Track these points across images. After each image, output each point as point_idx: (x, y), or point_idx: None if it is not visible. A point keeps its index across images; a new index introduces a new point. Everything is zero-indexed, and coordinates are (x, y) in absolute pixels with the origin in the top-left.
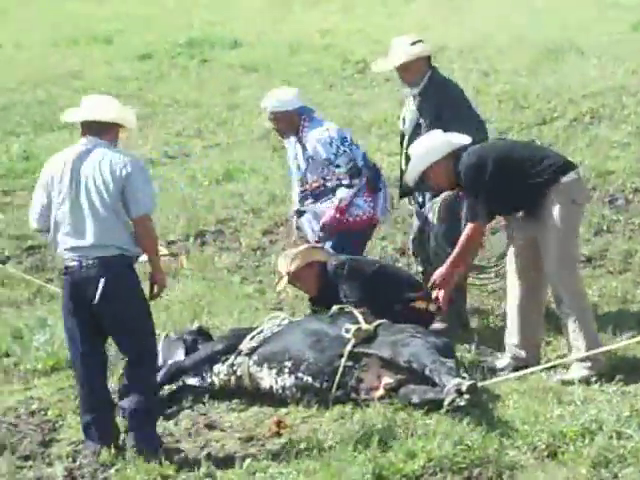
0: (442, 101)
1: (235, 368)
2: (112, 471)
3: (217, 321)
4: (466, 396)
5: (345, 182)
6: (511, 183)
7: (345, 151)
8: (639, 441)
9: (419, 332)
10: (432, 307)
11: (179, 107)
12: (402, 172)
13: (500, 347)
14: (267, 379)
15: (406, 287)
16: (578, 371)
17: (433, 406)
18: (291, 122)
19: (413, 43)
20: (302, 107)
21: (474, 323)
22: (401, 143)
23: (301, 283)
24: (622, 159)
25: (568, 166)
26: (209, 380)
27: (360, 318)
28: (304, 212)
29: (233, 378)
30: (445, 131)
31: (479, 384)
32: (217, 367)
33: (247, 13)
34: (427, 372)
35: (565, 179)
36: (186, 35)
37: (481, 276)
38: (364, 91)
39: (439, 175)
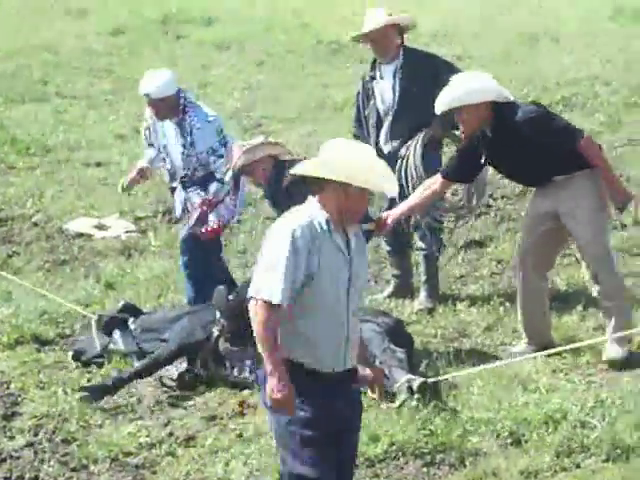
0: (436, 70)
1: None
2: (74, 446)
3: (183, 298)
4: (417, 395)
5: (219, 175)
6: (559, 146)
7: (227, 142)
8: (602, 431)
9: (370, 314)
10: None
11: None
12: (378, 150)
13: (467, 331)
14: (231, 375)
15: None
16: (616, 351)
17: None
18: (171, 106)
19: (389, 14)
20: (179, 90)
21: (440, 309)
22: (376, 124)
23: (250, 176)
24: None
25: None
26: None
27: None
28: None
29: (202, 372)
30: None
31: (430, 380)
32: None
33: None
34: (377, 364)
35: None
36: (159, 11)
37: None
38: (337, 72)
39: (474, 117)
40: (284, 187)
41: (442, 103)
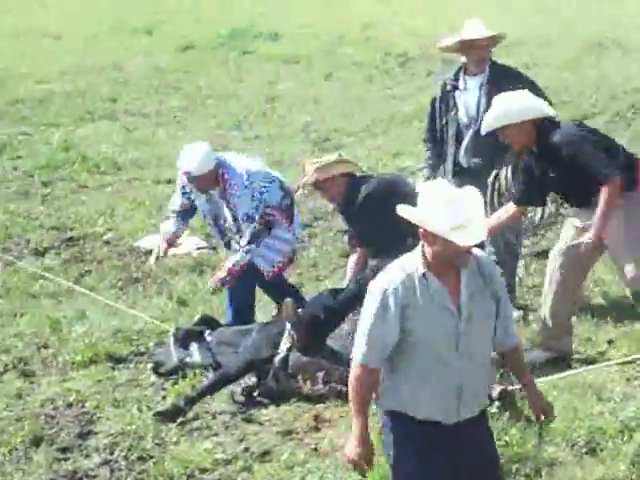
0: (520, 88)
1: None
2: (150, 463)
3: (257, 314)
4: (497, 403)
5: (242, 243)
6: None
7: (259, 205)
8: None
9: None
10: None
11: (219, 99)
12: (455, 161)
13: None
14: (303, 388)
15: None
16: None
17: None
18: (212, 179)
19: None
20: (217, 161)
21: None
22: (456, 135)
23: (323, 193)
24: None
25: None
26: (251, 383)
27: None
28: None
29: (274, 385)
30: None
31: (510, 388)
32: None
33: (288, 5)
34: None
35: None
36: (227, 26)
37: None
38: (405, 84)
39: (518, 135)
40: (358, 203)
41: (485, 124)
